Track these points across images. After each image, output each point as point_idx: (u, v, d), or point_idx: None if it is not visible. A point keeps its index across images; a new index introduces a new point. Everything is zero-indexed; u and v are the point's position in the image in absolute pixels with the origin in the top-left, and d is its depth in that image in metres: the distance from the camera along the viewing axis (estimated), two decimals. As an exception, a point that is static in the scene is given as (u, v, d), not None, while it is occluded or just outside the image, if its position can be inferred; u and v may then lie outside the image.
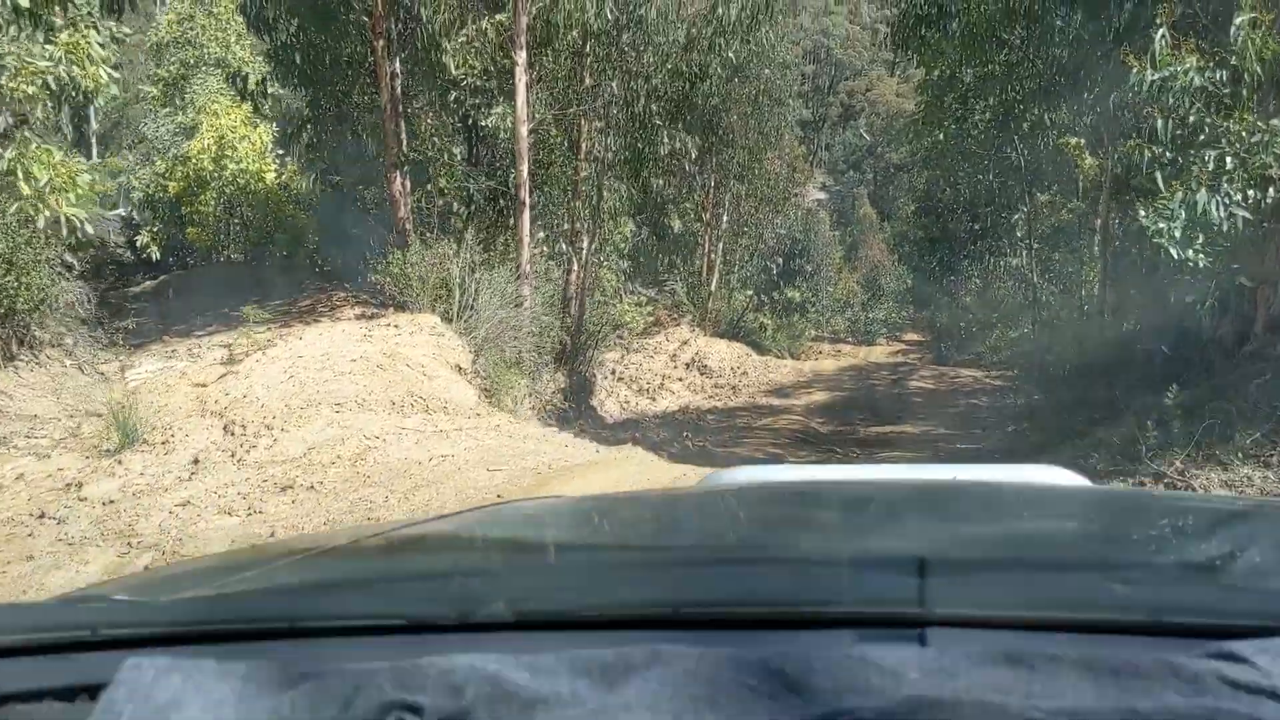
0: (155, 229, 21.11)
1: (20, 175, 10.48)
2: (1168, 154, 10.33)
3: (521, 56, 14.66)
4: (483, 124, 16.37)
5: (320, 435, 8.77)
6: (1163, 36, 10.17)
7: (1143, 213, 10.33)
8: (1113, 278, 14.14)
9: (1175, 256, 10.11)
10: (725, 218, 32.48)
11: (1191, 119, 10.27)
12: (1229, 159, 10.19)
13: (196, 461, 8.86)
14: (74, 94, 11.16)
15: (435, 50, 14.31)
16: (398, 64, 16.30)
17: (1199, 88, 10.11)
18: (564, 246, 17.11)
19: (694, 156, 18.14)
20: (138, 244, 21.22)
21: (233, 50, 20.42)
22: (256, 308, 13.54)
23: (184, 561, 4.30)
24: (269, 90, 16.89)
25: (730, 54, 17.30)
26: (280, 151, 20.84)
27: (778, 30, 31.19)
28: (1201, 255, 10.17)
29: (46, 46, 10.73)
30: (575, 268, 17.83)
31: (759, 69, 31.31)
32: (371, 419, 9.35)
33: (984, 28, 13.58)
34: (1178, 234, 10.36)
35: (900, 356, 41.04)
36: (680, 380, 25.20)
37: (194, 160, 19.97)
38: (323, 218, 20.43)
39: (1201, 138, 10.55)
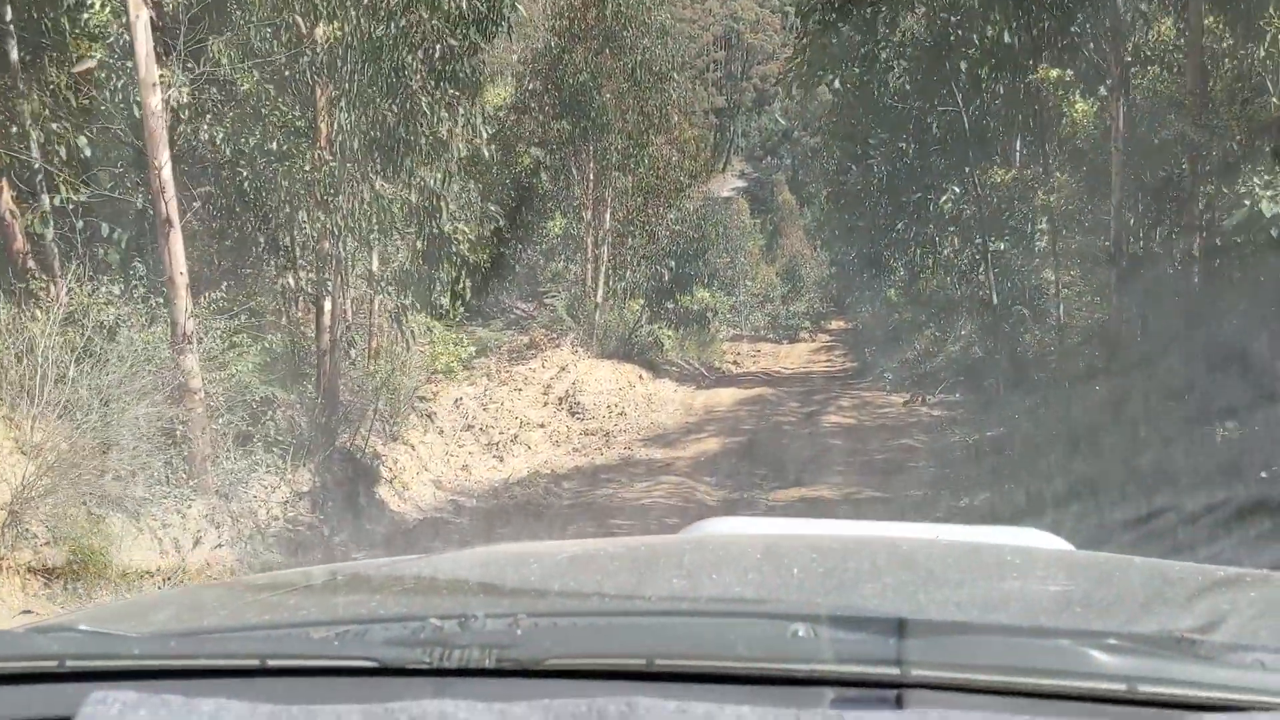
0: None
1: None
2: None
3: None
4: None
5: None
6: None
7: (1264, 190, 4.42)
8: (1134, 306, 8.16)
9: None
10: (609, 216, 26.25)
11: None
12: None
13: None
14: None
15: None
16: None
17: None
18: (288, 282, 10.76)
19: (484, 138, 11.78)
20: None
21: None
22: None
23: (154, 594, 3.75)
24: None
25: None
26: None
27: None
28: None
29: None
30: (328, 309, 11.50)
31: (636, 38, 25.26)
32: None
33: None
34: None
35: (824, 357, 35.13)
36: (542, 427, 18.93)
37: None
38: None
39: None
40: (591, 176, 25.70)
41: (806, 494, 14.05)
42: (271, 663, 1.08)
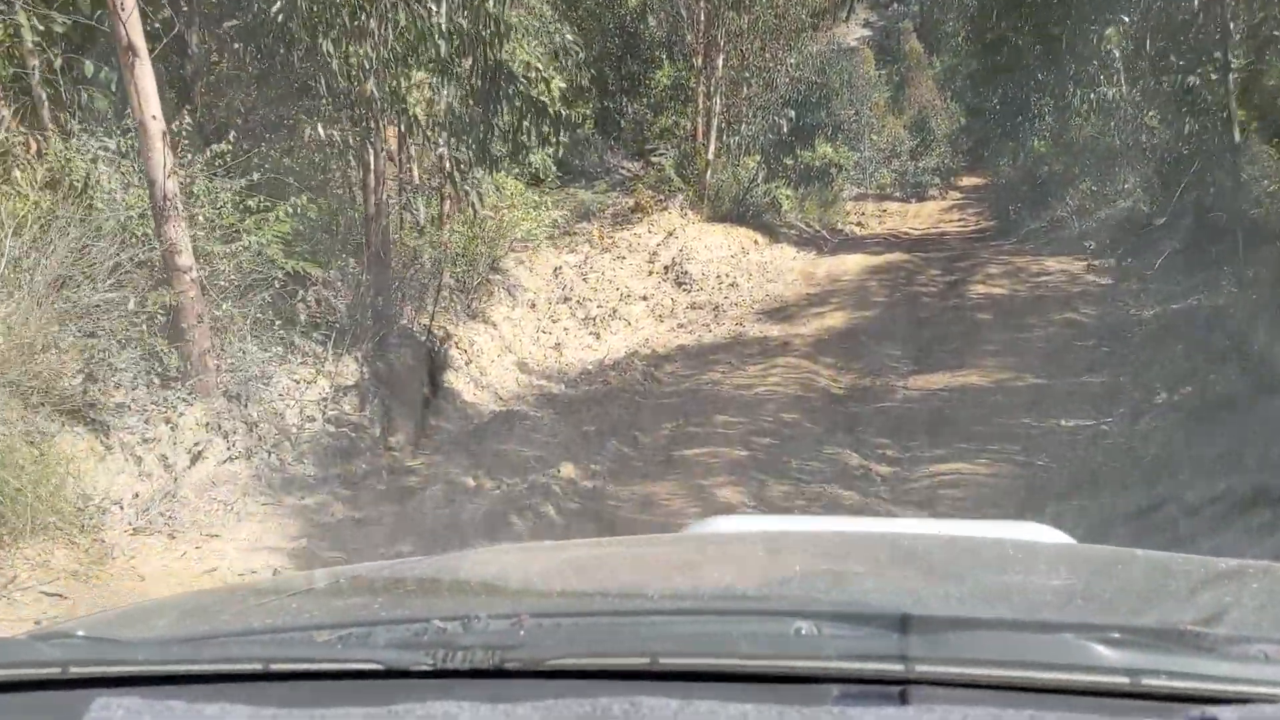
0: None
1: None
2: None
3: None
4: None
5: None
6: None
7: None
8: None
9: None
10: (721, 62, 23.23)
11: None
12: None
13: None
14: None
15: None
16: None
17: None
18: (318, 131, 8.55)
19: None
20: None
21: None
22: None
23: (156, 600, 3.26)
24: None
25: None
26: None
27: None
28: None
29: None
30: (373, 166, 9.31)
31: None
32: None
33: None
34: None
35: (957, 216, 31.61)
36: (644, 299, 16.70)
37: None
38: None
39: None
40: (702, 18, 22.70)
41: (951, 380, 11.58)
42: (275, 666, 1.04)
